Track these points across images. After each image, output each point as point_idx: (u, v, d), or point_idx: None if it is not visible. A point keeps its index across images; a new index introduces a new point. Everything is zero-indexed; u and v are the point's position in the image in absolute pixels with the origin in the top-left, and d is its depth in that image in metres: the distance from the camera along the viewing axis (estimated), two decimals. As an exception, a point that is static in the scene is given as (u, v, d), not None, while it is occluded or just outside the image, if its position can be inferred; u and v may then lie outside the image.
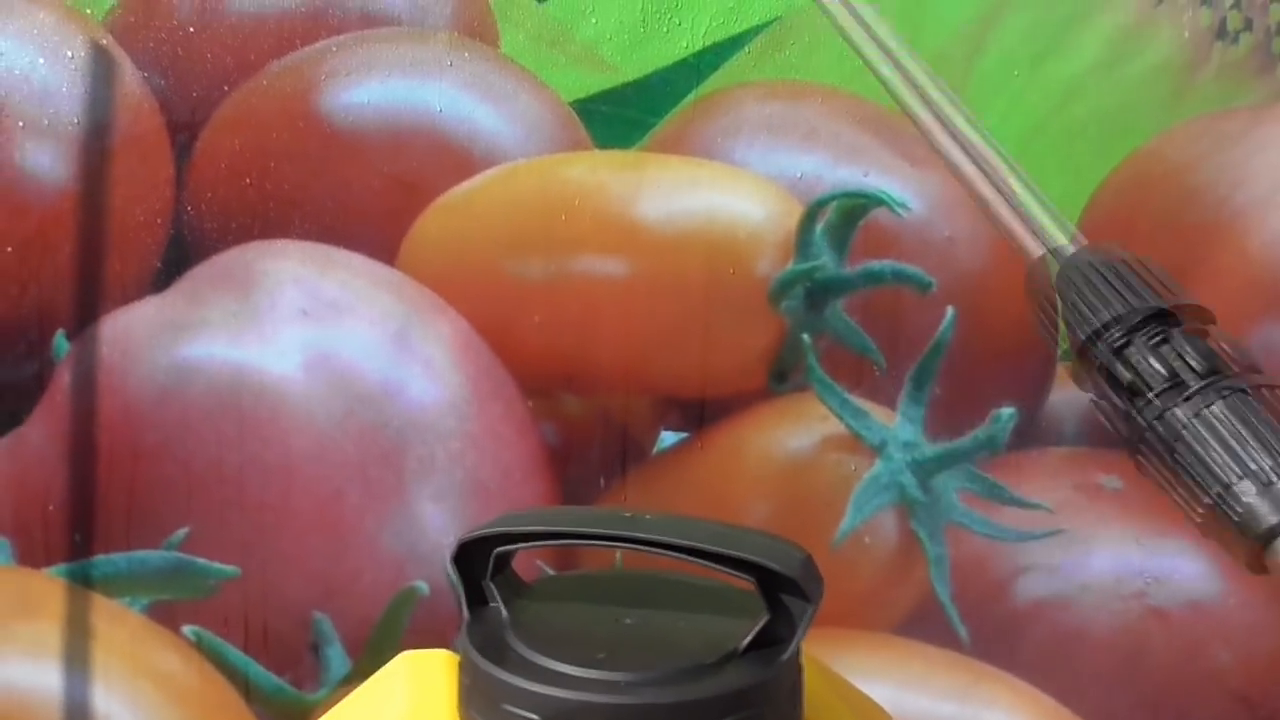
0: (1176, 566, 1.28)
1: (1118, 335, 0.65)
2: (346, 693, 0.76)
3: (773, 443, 1.29)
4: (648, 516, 0.71)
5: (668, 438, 1.30)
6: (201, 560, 1.36)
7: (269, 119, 1.29)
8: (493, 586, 0.72)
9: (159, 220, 1.31)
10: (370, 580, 1.36)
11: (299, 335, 1.31)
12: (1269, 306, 1.28)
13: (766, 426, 1.29)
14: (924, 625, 1.30)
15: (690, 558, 0.68)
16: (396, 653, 0.76)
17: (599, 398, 1.31)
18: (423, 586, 1.34)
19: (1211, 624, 1.29)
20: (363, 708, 0.75)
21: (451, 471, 1.30)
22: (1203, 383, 0.66)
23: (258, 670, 1.37)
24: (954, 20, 1.30)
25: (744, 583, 0.68)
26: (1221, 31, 1.29)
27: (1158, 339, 0.65)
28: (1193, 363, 0.66)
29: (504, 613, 0.71)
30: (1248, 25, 1.29)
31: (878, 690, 1.38)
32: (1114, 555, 1.29)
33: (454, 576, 0.72)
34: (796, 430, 1.29)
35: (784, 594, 0.68)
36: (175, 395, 1.31)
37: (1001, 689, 1.29)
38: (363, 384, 1.33)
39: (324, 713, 0.76)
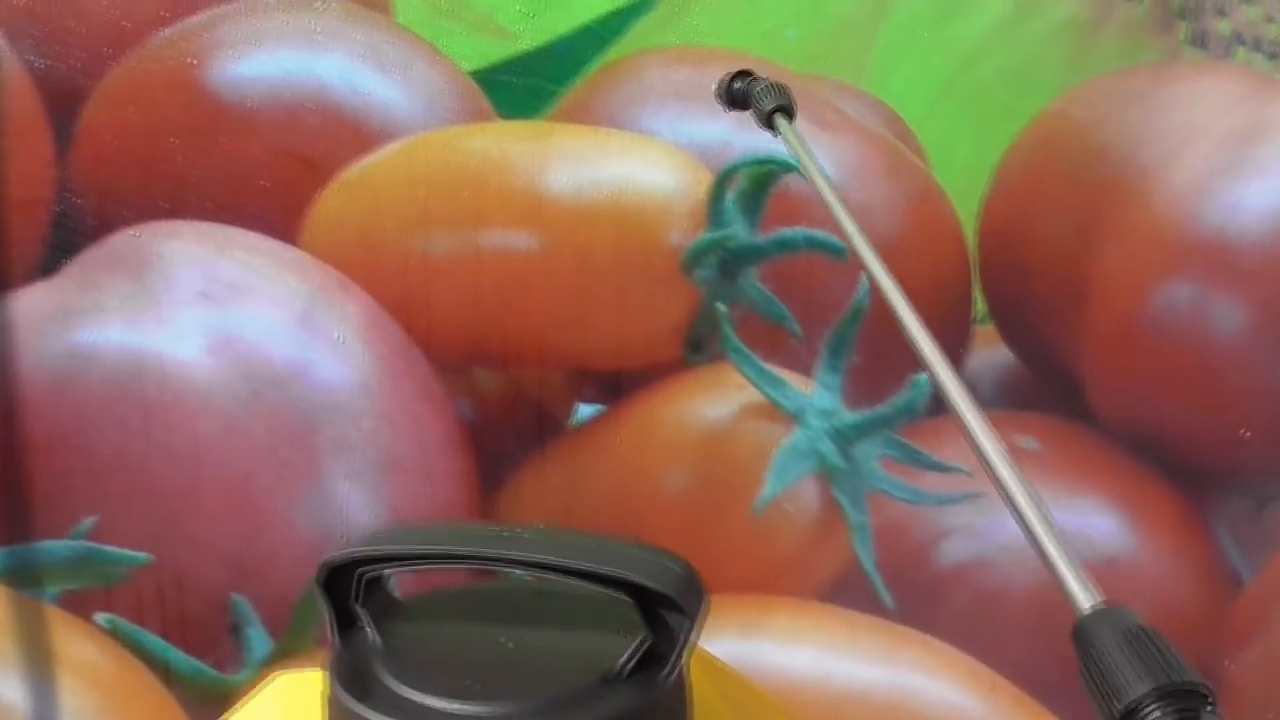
0: (1091, 524, 0.94)
1: (1153, 712, 0.40)
2: (269, 673, 0.57)
3: (690, 413, 0.91)
4: (523, 534, 0.51)
5: (584, 410, 0.88)
6: (111, 548, 0.98)
7: (155, 94, 0.87)
8: (362, 610, 0.52)
9: (41, 200, 0.86)
10: (287, 560, 0.99)
11: (199, 318, 0.98)
12: (1173, 262, 0.90)
13: (683, 397, 0.91)
14: (848, 591, 0.98)
15: (566, 576, 0.48)
16: (317, 631, 0.62)
17: (512, 372, 0.91)
18: (341, 564, 0.86)
19: (1124, 578, 0.93)
20: (235, 733, 0.57)
21: (365, 450, 0.91)
22: None
23: (176, 654, 1.01)
24: (858, -18, 0.87)
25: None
26: (1123, -12, 0.89)
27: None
28: None
29: (374, 638, 0.51)
30: (1148, -18, 0.89)
31: (802, 656, 0.99)
32: (1031, 515, 0.89)
33: (321, 601, 0.51)
34: (714, 400, 0.92)
35: (664, 609, 0.49)
36: (72, 383, 0.91)
37: (925, 651, 0.96)
38: (269, 366, 1.00)
39: (245, 694, 0.57)
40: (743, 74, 0.70)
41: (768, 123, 0.67)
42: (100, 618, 0.99)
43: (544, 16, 0.95)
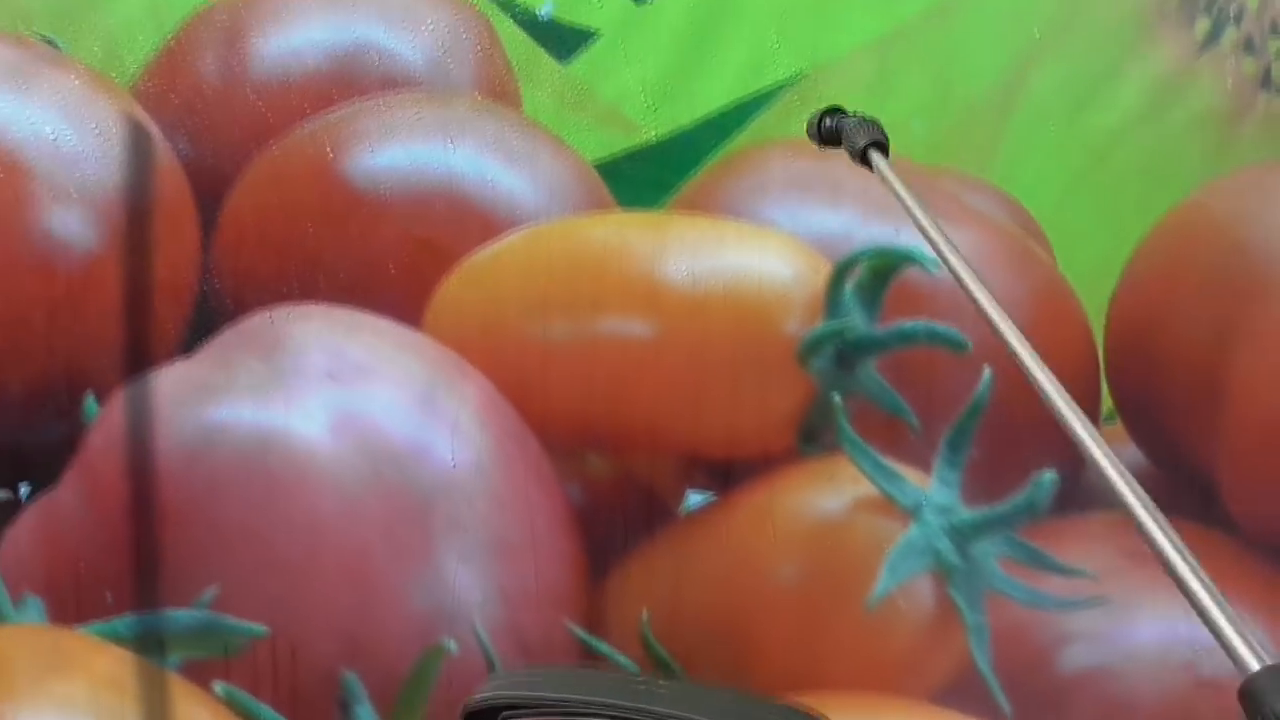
0: (1229, 637, 0.83)
1: None
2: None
3: (803, 504, 0.91)
4: (661, 687, 0.52)
5: (694, 498, 0.87)
6: (231, 619, 1.00)
7: (294, 182, 0.93)
8: None
9: (185, 283, 0.92)
10: (398, 638, 1.00)
11: (325, 398, 1.01)
12: None
13: (796, 488, 0.91)
14: (963, 694, 0.91)
15: None
16: (425, 710, 0.62)
17: (624, 457, 1.01)
18: (451, 644, 0.98)
19: None
20: None
21: (478, 531, 0.95)
22: None
23: (288, 727, 1.04)
24: (985, 74, 0.89)
25: None
26: (1266, 81, 0.87)
27: None
28: None
29: None
30: (1292, 74, 0.86)
31: (914, 763, 0.94)
32: (1160, 624, 0.89)
33: None
34: (827, 492, 0.92)
35: None
36: (204, 457, 0.99)
37: (1045, 765, 0.86)
38: (389, 445, 1.01)
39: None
40: (833, 110, 0.69)
41: (862, 158, 0.66)
42: (218, 687, 1.01)
43: (667, 109, 0.97)
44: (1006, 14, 0.94)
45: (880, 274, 0.94)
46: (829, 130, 0.69)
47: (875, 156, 0.65)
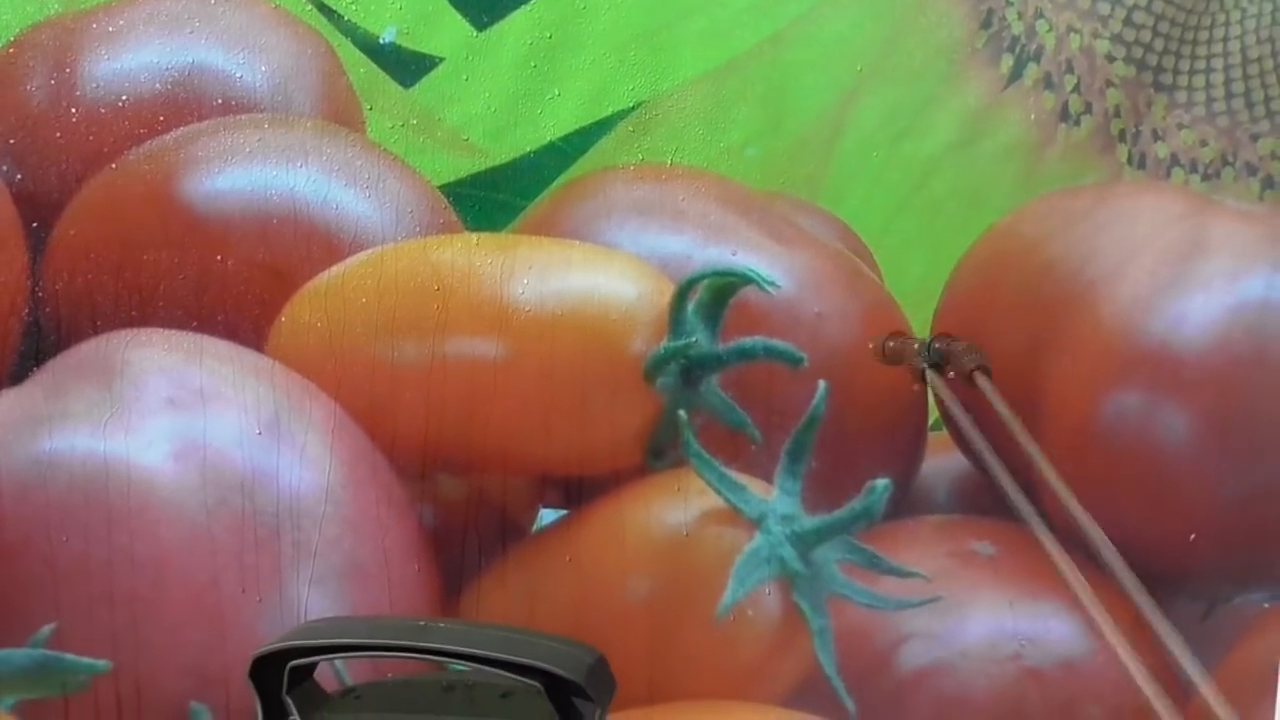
0: (1048, 628, 0.92)
1: None
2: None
3: (651, 518, 0.91)
4: (440, 625, 0.54)
5: (546, 515, 0.86)
6: (69, 656, 0.93)
7: (129, 206, 0.86)
8: (290, 700, 0.54)
9: (14, 310, 0.84)
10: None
11: (166, 425, 0.95)
12: (1121, 372, 0.90)
13: (645, 502, 0.92)
14: (810, 697, 1.00)
15: (480, 665, 0.51)
16: None
17: (476, 478, 0.98)
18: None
19: (1082, 682, 0.93)
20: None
21: (329, 556, 0.90)
22: None
23: (133, 766, 0.97)
24: (813, 105, 0.91)
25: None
26: (1064, 114, 0.92)
27: None
28: None
29: None
30: (1088, 108, 0.93)
31: (765, 764, 0.95)
32: (989, 620, 0.92)
33: (251, 693, 0.54)
34: (675, 505, 0.91)
35: (575, 697, 0.51)
36: (36, 490, 0.93)
37: (887, 758, 0.88)
38: (234, 472, 0.96)
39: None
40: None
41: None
42: (57, 728, 0.95)
43: (511, 134, 0.96)
44: (831, 49, 0.96)
45: (720, 293, 0.95)
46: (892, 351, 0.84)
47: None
